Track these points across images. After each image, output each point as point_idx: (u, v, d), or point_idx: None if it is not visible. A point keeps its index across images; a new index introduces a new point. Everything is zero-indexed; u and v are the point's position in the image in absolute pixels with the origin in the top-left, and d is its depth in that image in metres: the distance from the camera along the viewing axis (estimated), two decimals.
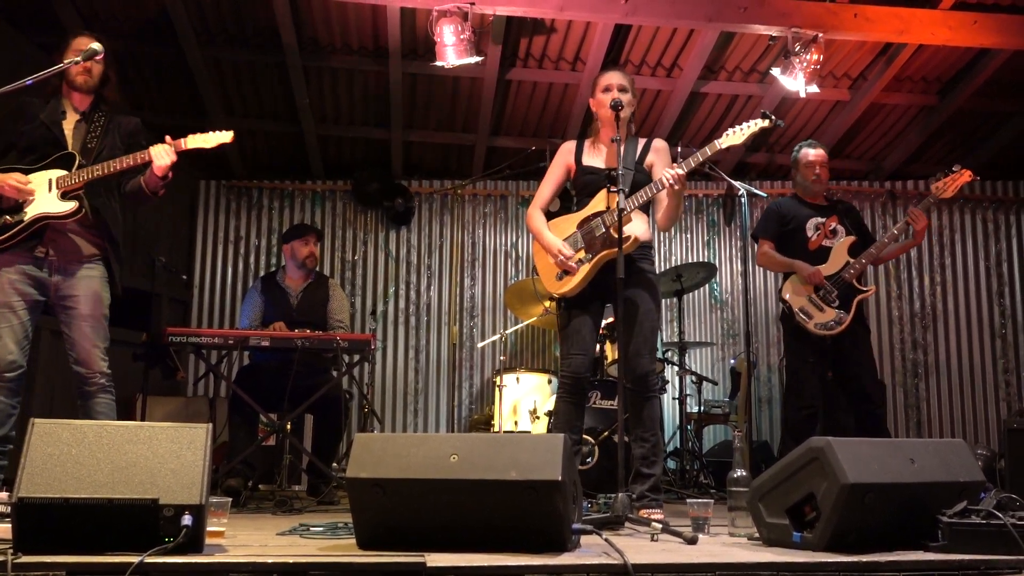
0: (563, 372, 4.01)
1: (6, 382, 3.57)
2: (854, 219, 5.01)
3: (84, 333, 3.69)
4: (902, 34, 5.92)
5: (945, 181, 4.73)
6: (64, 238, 3.72)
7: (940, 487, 2.77)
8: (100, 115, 3.87)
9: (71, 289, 3.71)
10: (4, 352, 3.57)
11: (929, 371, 7.92)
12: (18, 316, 3.62)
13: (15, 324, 3.60)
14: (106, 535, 2.37)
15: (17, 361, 3.59)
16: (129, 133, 3.91)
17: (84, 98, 3.85)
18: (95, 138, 3.78)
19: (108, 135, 3.83)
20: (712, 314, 7.99)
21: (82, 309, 3.70)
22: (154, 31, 6.22)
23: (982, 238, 8.12)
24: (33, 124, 3.74)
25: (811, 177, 4.96)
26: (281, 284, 5.51)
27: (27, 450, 2.40)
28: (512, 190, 8.06)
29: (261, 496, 4.96)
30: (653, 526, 3.00)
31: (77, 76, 3.78)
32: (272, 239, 7.92)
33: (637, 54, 6.66)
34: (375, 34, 6.43)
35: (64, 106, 3.83)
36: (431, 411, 7.73)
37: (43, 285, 3.69)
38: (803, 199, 5.04)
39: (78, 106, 3.85)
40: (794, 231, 4.93)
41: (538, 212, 4.17)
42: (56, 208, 3.65)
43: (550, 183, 4.21)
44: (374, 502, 2.58)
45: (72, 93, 3.83)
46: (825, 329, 4.69)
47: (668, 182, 3.72)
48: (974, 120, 7.47)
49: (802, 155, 5.03)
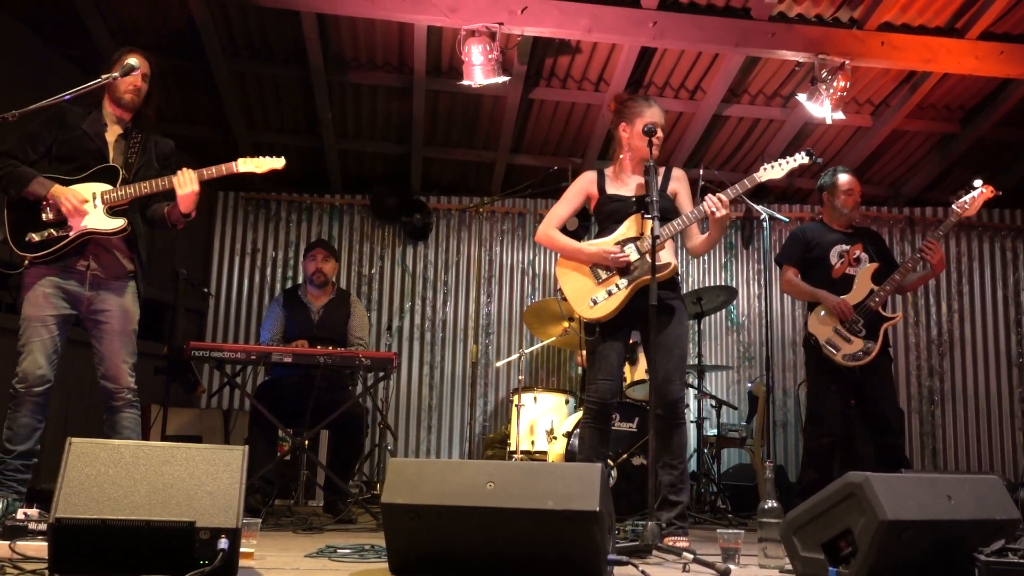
0: (589, 398, 3.98)
1: (34, 396, 3.56)
2: (878, 246, 4.98)
3: (114, 348, 3.69)
4: (929, 63, 5.92)
5: (967, 200, 4.66)
6: (106, 254, 3.73)
7: (977, 524, 2.74)
8: (138, 132, 3.87)
9: (104, 304, 3.71)
10: (34, 367, 3.56)
11: (945, 399, 7.88)
12: (50, 331, 3.61)
13: (46, 339, 3.60)
14: (141, 557, 2.36)
15: (46, 376, 3.59)
16: (165, 155, 3.92)
17: (126, 113, 3.85)
18: (134, 154, 3.79)
19: (145, 153, 3.84)
20: (729, 337, 7.97)
21: (114, 324, 3.71)
22: (181, 44, 6.24)
23: (1000, 266, 8.10)
24: (75, 133, 3.73)
25: (851, 204, 4.93)
26: (303, 299, 5.52)
27: (64, 470, 2.39)
28: (530, 208, 8.06)
29: (278, 512, 4.94)
30: (684, 556, 2.98)
31: (125, 94, 3.79)
32: (289, 252, 7.93)
33: (661, 76, 6.67)
34: (400, 51, 6.45)
35: (105, 119, 3.83)
36: (444, 428, 7.72)
37: (76, 299, 3.69)
38: (828, 225, 5.01)
39: (119, 120, 3.85)
40: (818, 258, 4.90)
41: (555, 231, 4.12)
42: (104, 224, 3.65)
43: (567, 207, 4.17)
44: (408, 528, 2.57)
45: (114, 107, 3.83)
46: (853, 360, 4.66)
47: (710, 208, 3.75)
48: (995, 149, 7.46)
49: (841, 182, 4.98)
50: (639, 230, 3.90)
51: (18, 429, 3.54)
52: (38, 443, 3.60)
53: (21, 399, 3.55)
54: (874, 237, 5.05)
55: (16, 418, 3.55)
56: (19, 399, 3.55)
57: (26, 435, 3.55)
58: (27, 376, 3.55)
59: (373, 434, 6.95)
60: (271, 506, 5.01)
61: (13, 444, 3.53)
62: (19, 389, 3.55)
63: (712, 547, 3.37)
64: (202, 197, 3.87)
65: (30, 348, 3.58)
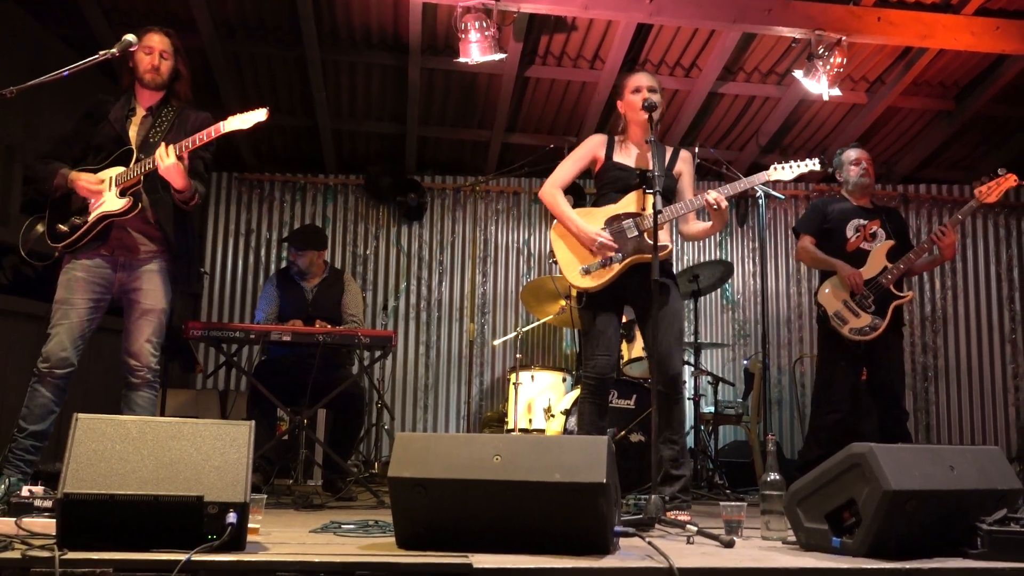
0: (587, 373, 3.99)
1: (55, 379, 3.56)
2: (897, 224, 4.96)
3: (140, 326, 3.69)
4: (925, 39, 5.91)
5: (989, 185, 4.61)
6: (127, 235, 3.72)
7: (979, 494, 2.76)
8: (169, 110, 3.83)
9: (134, 283, 3.72)
10: (58, 349, 3.56)
11: (939, 375, 7.93)
12: (78, 314, 3.61)
13: (74, 322, 3.60)
14: (149, 532, 2.36)
15: (69, 359, 3.58)
16: (195, 128, 3.78)
17: (153, 94, 3.82)
18: (159, 132, 3.75)
19: (173, 130, 3.78)
20: (724, 315, 7.99)
21: (143, 303, 3.70)
22: (175, 24, 6.17)
23: (993, 243, 8.13)
24: (101, 124, 3.74)
25: (858, 172, 4.93)
26: (297, 280, 5.50)
27: (71, 445, 2.39)
28: (525, 187, 8.04)
29: (278, 491, 4.95)
30: (688, 528, 2.99)
31: (145, 74, 3.76)
32: (284, 232, 7.89)
33: (656, 54, 6.65)
34: (395, 29, 6.41)
35: (133, 103, 3.82)
36: (441, 407, 7.73)
37: (108, 282, 3.70)
38: (848, 199, 5.01)
39: (146, 102, 3.83)
40: (833, 230, 4.90)
41: (560, 193, 4.10)
42: (114, 206, 3.64)
43: (574, 166, 4.15)
44: (416, 502, 2.57)
45: (141, 90, 3.82)
46: (859, 335, 4.66)
47: (712, 202, 3.75)
48: (989, 126, 7.47)
49: (846, 155, 5.01)
50: (639, 206, 3.89)
51: (34, 408, 3.54)
52: (51, 426, 3.59)
53: (42, 379, 3.55)
54: (894, 215, 5.04)
55: (34, 397, 3.55)
56: (40, 379, 3.56)
57: (41, 415, 3.55)
58: (50, 357, 3.55)
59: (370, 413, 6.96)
60: (271, 485, 5.02)
61: (27, 423, 3.53)
62: (42, 369, 3.56)
63: (711, 521, 3.38)
64: None
65: (57, 331, 3.58)
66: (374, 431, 6.76)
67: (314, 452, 5.54)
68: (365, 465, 6.37)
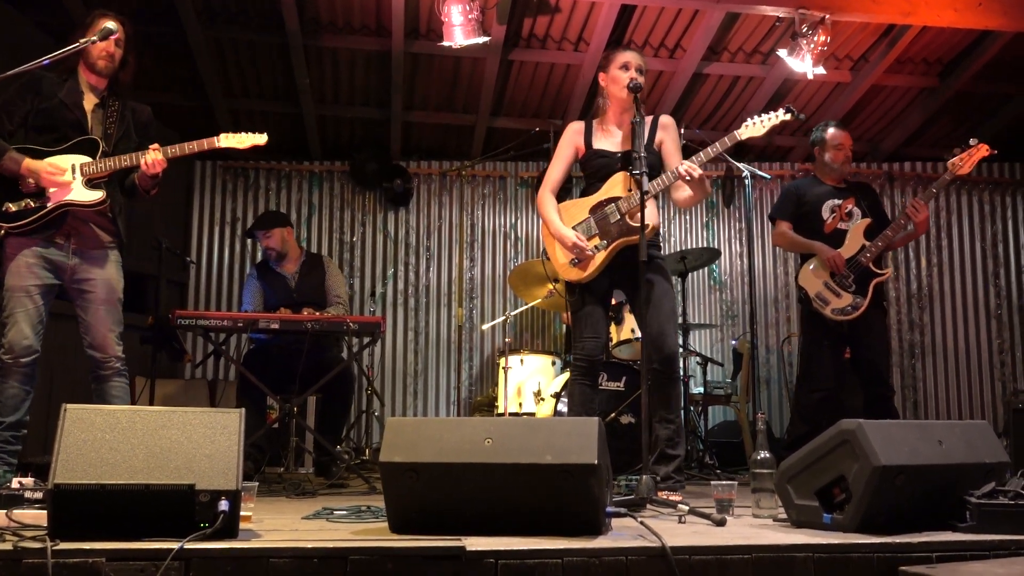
0: (577, 355, 3.99)
1: (21, 367, 3.54)
2: (871, 200, 4.97)
3: (100, 318, 3.67)
4: (908, 16, 5.92)
5: (962, 157, 4.60)
6: (84, 226, 3.70)
7: (967, 468, 2.79)
8: (115, 100, 3.81)
9: (88, 273, 3.69)
10: (20, 337, 3.54)
11: (926, 351, 7.97)
12: (34, 301, 3.58)
13: (30, 309, 3.57)
14: (141, 521, 2.35)
15: (33, 346, 3.57)
16: (144, 124, 3.86)
17: (101, 80, 3.79)
18: (112, 124, 3.73)
19: (123, 122, 3.78)
20: (712, 295, 8.01)
21: (99, 294, 3.69)
22: (155, 11, 6.14)
23: (978, 219, 8.16)
24: (52, 102, 3.67)
25: (840, 159, 4.92)
26: (276, 269, 5.49)
27: (60, 436, 2.38)
28: (511, 171, 8.03)
29: (269, 479, 4.95)
30: (680, 508, 3.01)
31: (98, 60, 3.73)
32: None
33: (641, 34, 6.63)
34: (377, 14, 6.37)
35: (82, 86, 3.77)
36: (431, 393, 7.73)
37: (59, 268, 3.66)
38: (820, 179, 5.01)
39: (95, 87, 3.79)
40: (809, 213, 4.91)
41: (550, 196, 4.09)
42: (83, 197, 3.62)
43: (560, 164, 4.13)
44: (408, 486, 2.58)
45: (90, 75, 3.77)
46: (842, 315, 4.68)
47: (683, 175, 3.72)
48: (973, 102, 7.49)
49: (829, 135, 4.97)
50: (624, 188, 3.88)
51: (7, 400, 3.52)
52: (27, 414, 3.58)
53: (8, 370, 3.53)
54: (867, 191, 5.04)
55: (4, 389, 3.52)
56: (6, 370, 3.53)
57: (15, 405, 3.53)
58: (13, 346, 3.53)
59: (360, 400, 6.95)
60: (262, 473, 5.02)
61: (3, 415, 3.51)
62: (6, 360, 3.53)
63: (702, 501, 3.40)
64: (180, 166, 3.83)
65: (15, 319, 3.55)
66: (364, 418, 6.76)
67: (305, 439, 5.54)
68: (356, 452, 6.37)
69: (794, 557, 2.41)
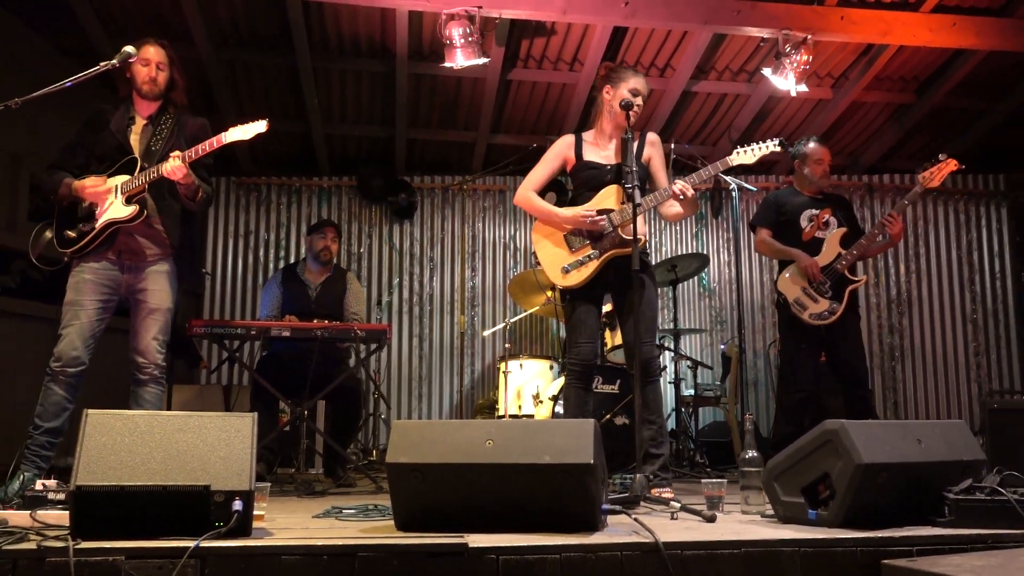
0: (571, 360, 3.98)
1: (68, 377, 3.55)
2: (846, 211, 4.99)
3: (147, 325, 3.69)
4: (885, 35, 5.93)
5: (932, 171, 4.65)
6: (132, 240, 3.71)
7: (945, 466, 2.79)
8: (167, 117, 3.82)
9: (140, 284, 3.72)
10: (69, 348, 3.55)
11: (905, 354, 7.97)
12: (87, 315, 3.60)
13: (84, 323, 3.59)
14: (158, 521, 2.35)
15: (81, 358, 3.57)
16: (194, 135, 3.82)
17: (150, 104, 3.82)
18: (160, 140, 3.75)
19: (173, 137, 3.78)
20: (701, 302, 8.01)
21: (150, 302, 3.71)
22: (170, 35, 6.13)
23: (954, 228, 8.17)
24: (103, 133, 3.74)
25: (819, 173, 4.93)
26: (301, 276, 5.49)
27: (82, 439, 2.38)
28: (510, 185, 8.03)
29: (282, 480, 4.94)
30: (671, 505, 3.00)
31: (143, 85, 3.76)
32: (281, 233, 7.88)
33: (632, 55, 6.64)
34: (383, 37, 6.38)
35: (132, 112, 3.81)
36: (435, 396, 7.72)
37: (116, 283, 3.69)
38: (799, 191, 5.03)
39: (145, 111, 3.82)
40: (788, 222, 4.92)
41: (532, 194, 4.08)
42: (120, 213, 3.64)
43: (544, 170, 4.11)
44: (413, 486, 2.58)
45: (139, 100, 3.81)
46: (819, 319, 4.69)
47: (678, 194, 3.75)
48: (948, 117, 7.51)
49: (808, 150, 4.98)
50: (616, 201, 3.88)
51: (49, 406, 3.53)
52: (66, 423, 3.57)
53: (55, 378, 3.54)
54: (842, 203, 5.06)
55: (48, 396, 3.53)
56: (53, 378, 3.54)
57: (55, 412, 3.53)
58: (62, 356, 3.54)
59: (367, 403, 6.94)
60: (274, 474, 5.01)
61: (43, 420, 3.52)
62: (54, 368, 3.55)
63: (693, 498, 3.40)
64: None
65: (68, 331, 3.58)
66: (371, 420, 6.76)
67: (315, 442, 5.53)
68: (364, 453, 6.36)
69: (781, 551, 2.41)
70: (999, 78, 6.89)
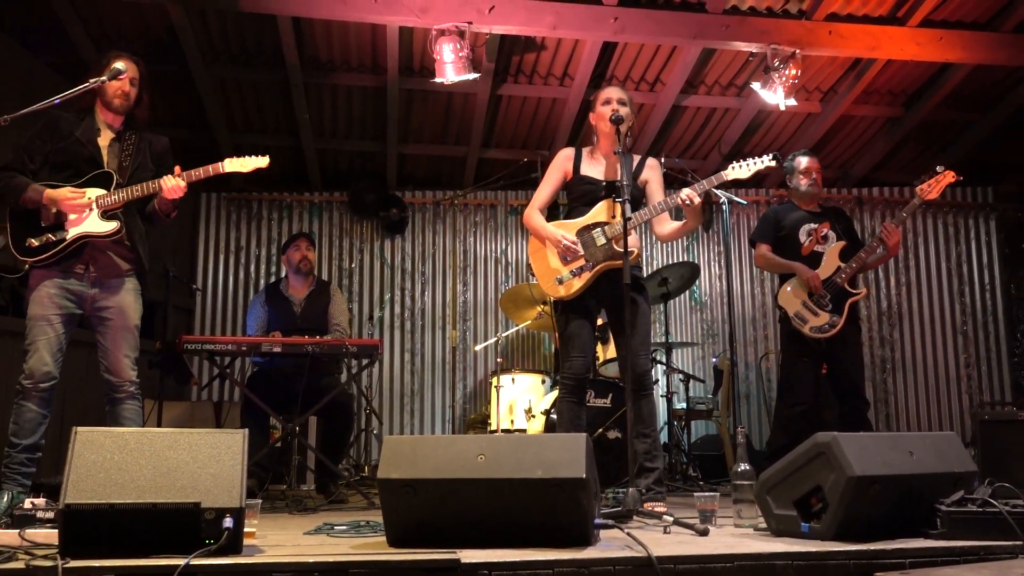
0: (565, 374, 3.98)
1: (40, 392, 3.51)
2: (845, 224, 4.99)
3: (117, 343, 3.65)
4: (873, 50, 5.97)
5: (929, 183, 4.65)
6: (103, 255, 3.68)
7: (937, 477, 2.79)
8: (132, 133, 3.80)
9: (107, 301, 3.67)
10: (40, 364, 3.51)
11: (896, 367, 7.99)
12: (55, 329, 3.56)
13: (51, 337, 3.55)
14: (149, 538, 2.33)
15: (51, 372, 3.54)
16: (159, 154, 3.83)
17: (117, 118, 3.78)
18: (128, 156, 3.72)
19: (139, 154, 3.77)
20: (693, 316, 8.02)
21: (116, 320, 3.66)
22: (161, 50, 6.15)
23: (944, 241, 8.21)
24: (68, 141, 3.67)
25: (807, 182, 4.95)
26: (284, 293, 5.47)
27: (71, 458, 2.36)
28: (501, 200, 8.05)
29: (273, 496, 4.91)
30: (664, 519, 3.00)
31: (114, 98, 3.72)
32: (272, 249, 7.86)
33: (622, 70, 6.68)
34: (373, 52, 6.40)
35: (98, 123, 3.76)
36: (427, 411, 7.70)
37: (80, 298, 3.64)
38: (797, 205, 5.04)
39: (111, 124, 3.78)
40: (788, 237, 4.92)
41: (538, 213, 4.12)
42: (99, 228, 3.60)
43: (549, 187, 4.15)
44: (405, 502, 2.56)
45: (106, 112, 3.76)
46: (820, 332, 4.69)
47: (685, 199, 3.75)
48: (936, 130, 7.56)
49: (797, 163, 5.00)
50: (609, 214, 3.90)
51: (24, 423, 3.49)
52: (43, 437, 3.54)
53: (27, 394, 3.50)
54: (840, 215, 5.07)
55: (22, 413, 3.50)
56: (25, 394, 3.51)
57: (31, 429, 3.50)
58: (33, 373, 3.51)
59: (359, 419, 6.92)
60: (265, 490, 4.98)
61: (19, 438, 3.49)
62: (26, 385, 3.51)
63: (686, 512, 3.38)
64: (186, 198, 3.82)
65: (36, 346, 3.53)
66: (363, 436, 6.73)
67: (306, 458, 5.51)
68: (355, 469, 6.33)
69: (774, 565, 2.40)
70: (986, 91, 6.95)
